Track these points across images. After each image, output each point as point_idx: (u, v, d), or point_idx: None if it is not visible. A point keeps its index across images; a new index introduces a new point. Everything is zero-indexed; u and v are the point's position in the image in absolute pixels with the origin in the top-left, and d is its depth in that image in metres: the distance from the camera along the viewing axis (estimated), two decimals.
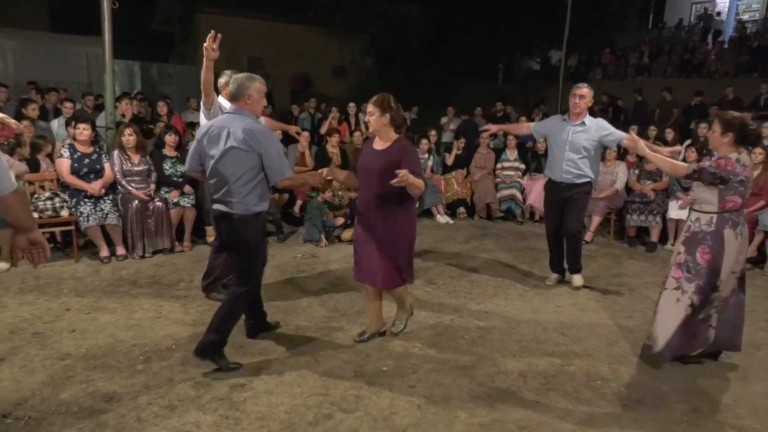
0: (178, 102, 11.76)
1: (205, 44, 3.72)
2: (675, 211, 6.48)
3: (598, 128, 4.74)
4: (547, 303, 4.67)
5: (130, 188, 5.55)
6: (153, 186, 5.72)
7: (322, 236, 6.27)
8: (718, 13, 20.26)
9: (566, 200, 4.87)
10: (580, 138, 4.75)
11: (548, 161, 5.13)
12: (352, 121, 9.55)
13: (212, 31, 3.73)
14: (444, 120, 11.65)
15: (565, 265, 5.15)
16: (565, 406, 3.04)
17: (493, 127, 6.13)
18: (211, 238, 6.07)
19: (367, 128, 9.22)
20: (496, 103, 12.32)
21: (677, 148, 4.92)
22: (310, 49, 20.86)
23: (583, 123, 4.77)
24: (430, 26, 21.07)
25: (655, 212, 6.57)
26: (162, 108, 8.70)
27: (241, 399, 3.01)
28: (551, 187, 5.02)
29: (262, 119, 4.58)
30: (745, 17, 19.95)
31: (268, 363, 3.44)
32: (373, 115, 3.40)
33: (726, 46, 16.70)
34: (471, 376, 3.35)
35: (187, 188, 5.94)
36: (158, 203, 5.63)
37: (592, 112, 5.05)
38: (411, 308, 3.98)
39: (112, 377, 3.21)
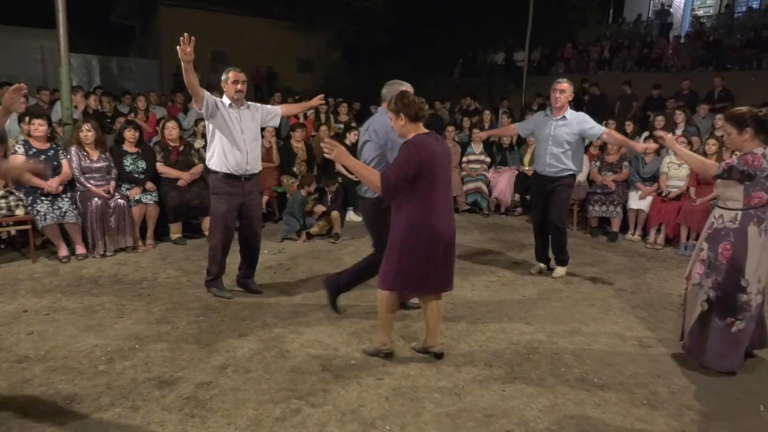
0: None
1: (178, 47, 3.68)
2: (635, 201, 6.66)
3: (579, 122, 4.86)
4: (513, 293, 4.75)
5: (89, 185, 5.40)
6: (113, 183, 5.58)
7: (304, 233, 6.26)
8: (669, 4, 20.83)
9: (550, 192, 5.00)
10: (562, 132, 4.87)
11: (535, 155, 5.30)
12: (322, 117, 9.48)
13: (185, 34, 3.68)
14: None
15: (551, 255, 5.27)
16: (530, 393, 3.10)
17: (483, 134, 6.53)
18: (175, 236, 5.97)
19: (336, 120, 9.21)
20: (466, 97, 12.42)
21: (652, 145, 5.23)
22: (276, 43, 20.64)
23: (565, 117, 4.88)
24: (395, 20, 21.10)
25: (616, 203, 6.74)
26: (142, 103, 8.52)
27: (207, 397, 2.98)
28: (537, 179, 5.17)
29: (279, 108, 4.70)
30: (700, 13, 20.56)
31: (234, 360, 3.40)
32: (392, 121, 3.20)
33: (682, 41, 17.18)
34: (438, 366, 3.38)
35: (150, 185, 5.82)
36: (119, 200, 5.50)
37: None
38: (379, 341, 3.49)
39: (73, 379, 3.13)
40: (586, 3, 23.28)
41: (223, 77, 4.23)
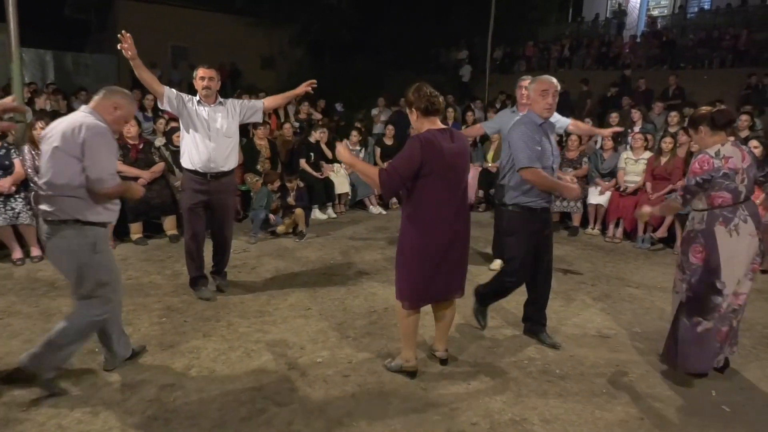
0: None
1: (119, 46, 3.66)
2: (595, 196, 6.83)
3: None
4: None
5: None
6: None
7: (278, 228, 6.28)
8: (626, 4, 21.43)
9: None
10: None
11: (502, 151, 5.27)
12: (281, 112, 9.41)
13: (122, 32, 3.65)
14: (375, 111, 11.69)
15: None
16: (495, 386, 3.16)
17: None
18: (135, 236, 5.84)
19: (296, 119, 9.15)
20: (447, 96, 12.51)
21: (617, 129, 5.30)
22: (238, 39, 20.36)
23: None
24: (359, 17, 21.06)
25: (576, 198, 6.89)
26: None
27: (170, 399, 2.93)
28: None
29: (260, 102, 4.56)
30: (655, 13, 21.18)
31: (198, 361, 3.36)
32: (409, 114, 3.12)
33: (638, 40, 17.66)
34: None
35: None
36: None
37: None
38: (402, 358, 3.24)
39: (30, 385, 3.02)
40: (546, 2, 23.73)
41: (193, 74, 4.20)
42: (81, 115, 2.86)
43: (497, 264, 5.27)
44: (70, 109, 8.34)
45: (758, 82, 11.67)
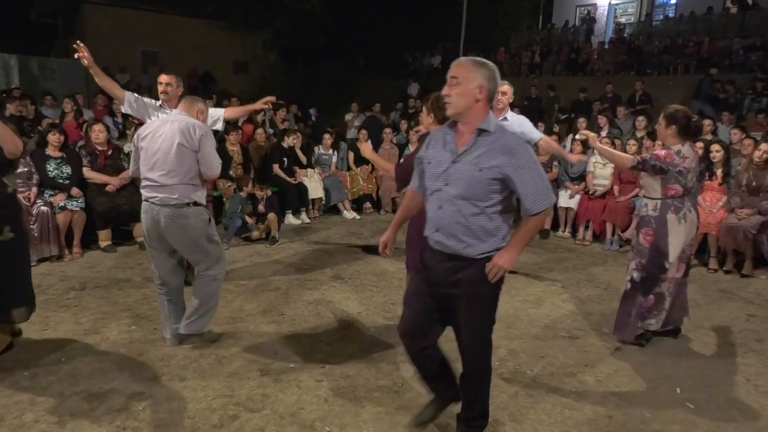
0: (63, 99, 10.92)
1: (75, 55, 3.82)
2: (565, 199, 6.96)
3: (520, 124, 4.83)
4: None
5: None
6: (35, 189, 5.30)
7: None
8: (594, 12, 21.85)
9: None
10: None
11: None
12: (257, 119, 9.33)
13: (77, 42, 3.81)
14: (348, 117, 11.71)
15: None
16: None
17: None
18: (104, 243, 5.73)
19: (271, 126, 9.10)
20: (409, 100, 12.63)
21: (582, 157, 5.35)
22: (210, 43, 20.14)
23: (505, 119, 4.94)
24: (332, 22, 21.07)
25: None
26: (69, 105, 8.13)
27: (139, 408, 2.89)
28: None
29: (222, 110, 4.65)
30: (623, 20, 21.65)
31: (168, 369, 3.31)
32: (423, 114, 3.58)
33: (606, 46, 18.04)
34: (377, 366, 3.42)
35: (75, 191, 5.55)
36: (42, 207, 5.23)
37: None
38: None
39: None
40: (517, 8, 24.08)
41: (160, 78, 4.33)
42: (185, 117, 3.38)
43: None
44: (39, 115, 8.16)
45: (721, 88, 12.01)
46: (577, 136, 5.00)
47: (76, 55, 3.76)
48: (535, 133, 4.90)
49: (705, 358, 3.67)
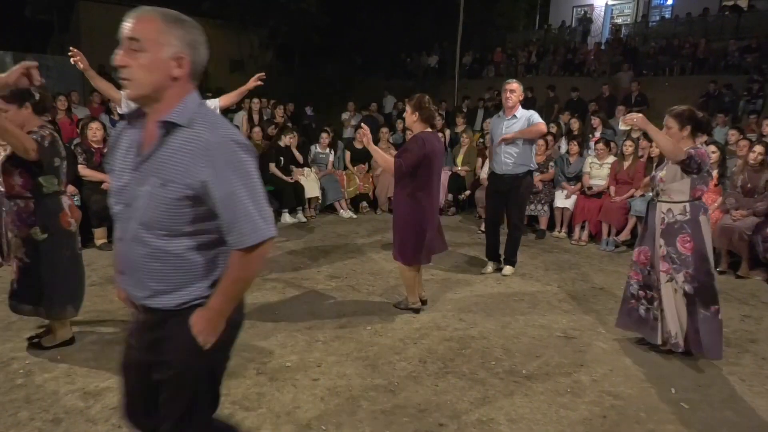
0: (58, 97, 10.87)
1: (71, 60, 3.87)
2: (561, 200, 6.98)
3: (528, 120, 4.97)
4: (446, 290, 4.86)
5: (1, 189, 5.07)
6: None
7: None
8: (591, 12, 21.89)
9: (508, 191, 5.14)
10: (513, 130, 4.99)
11: (491, 155, 5.36)
12: (255, 117, 9.33)
13: (72, 49, 3.87)
14: (345, 116, 11.70)
15: (501, 253, 5.42)
16: (462, 387, 3.19)
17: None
18: (100, 241, 5.72)
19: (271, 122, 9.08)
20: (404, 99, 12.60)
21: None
22: (206, 42, 20.10)
23: (515, 116, 5.02)
24: (328, 21, 21.05)
25: (543, 202, 7.03)
26: (62, 103, 8.09)
27: None
28: (494, 179, 5.28)
29: (216, 101, 4.83)
30: (619, 21, 21.71)
31: None
32: (407, 113, 4.07)
33: (603, 47, 18.09)
34: (373, 365, 3.42)
35: (71, 188, 5.53)
36: None
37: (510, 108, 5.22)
38: (409, 301, 4.28)
39: None
40: (514, 9, 24.14)
41: None
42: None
43: (509, 270, 5.35)
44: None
45: (716, 89, 12.08)
46: (621, 126, 5.10)
47: (71, 60, 3.82)
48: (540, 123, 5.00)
49: (699, 358, 3.68)
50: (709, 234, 3.46)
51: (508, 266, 5.36)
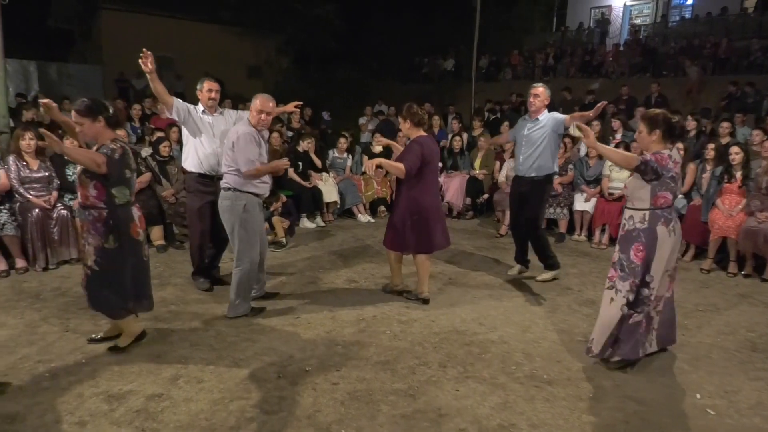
0: None
1: (140, 61, 4.02)
2: (580, 203, 6.91)
3: (553, 121, 4.94)
4: (465, 294, 4.84)
5: (29, 196, 5.19)
6: (55, 193, 5.38)
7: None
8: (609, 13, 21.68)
9: (525, 193, 5.12)
10: (536, 134, 4.99)
11: (515, 158, 5.37)
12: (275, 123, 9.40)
13: (144, 50, 3.98)
14: (362, 120, 11.73)
15: (528, 258, 5.44)
16: (483, 392, 3.18)
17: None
18: (157, 242, 5.87)
19: (288, 128, 9.15)
20: (425, 104, 12.62)
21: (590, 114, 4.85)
22: (224, 49, 20.36)
23: (538, 119, 5.00)
24: (345, 27, 21.19)
25: (562, 205, 6.97)
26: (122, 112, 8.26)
27: (158, 409, 2.92)
28: (516, 181, 5.28)
29: (247, 113, 4.73)
30: (638, 22, 21.49)
31: (186, 371, 3.34)
32: (401, 123, 4.51)
33: (621, 48, 17.91)
34: (393, 369, 3.42)
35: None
36: (62, 211, 5.31)
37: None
38: (420, 293, 4.58)
39: (15, 397, 3.00)
40: (530, 11, 24.02)
41: (198, 86, 4.61)
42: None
43: (545, 276, 5.29)
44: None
45: (738, 90, 11.88)
46: (570, 130, 4.78)
47: (140, 61, 3.96)
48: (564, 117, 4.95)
49: (725, 363, 3.62)
50: (667, 248, 3.31)
51: (544, 272, 5.30)
